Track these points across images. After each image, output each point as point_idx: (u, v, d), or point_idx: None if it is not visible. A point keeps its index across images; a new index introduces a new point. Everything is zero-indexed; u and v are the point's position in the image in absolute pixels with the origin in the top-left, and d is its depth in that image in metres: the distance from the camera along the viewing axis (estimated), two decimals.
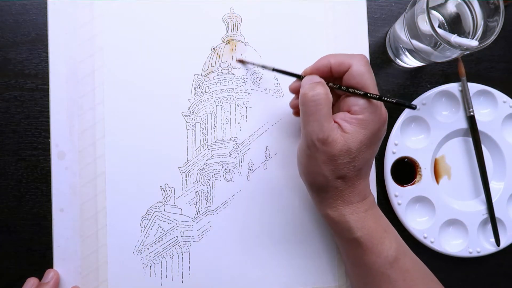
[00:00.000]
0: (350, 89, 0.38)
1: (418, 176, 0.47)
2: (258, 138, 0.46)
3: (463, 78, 0.47)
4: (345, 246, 0.40)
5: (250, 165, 0.46)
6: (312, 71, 0.39)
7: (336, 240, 0.42)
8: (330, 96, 0.37)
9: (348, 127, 0.37)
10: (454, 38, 0.39)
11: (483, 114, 0.48)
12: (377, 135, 0.38)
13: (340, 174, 0.37)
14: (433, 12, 0.42)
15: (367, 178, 0.40)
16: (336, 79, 0.39)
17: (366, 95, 0.37)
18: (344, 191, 0.38)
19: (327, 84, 0.38)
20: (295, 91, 0.41)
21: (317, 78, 0.38)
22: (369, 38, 0.47)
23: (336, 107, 0.40)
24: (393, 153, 0.46)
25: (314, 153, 0.37)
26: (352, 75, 0.37)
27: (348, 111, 0.38)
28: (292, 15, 0.46)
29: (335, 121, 0.37)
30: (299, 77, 0.40)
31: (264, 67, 0.44)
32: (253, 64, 0.45)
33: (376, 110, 0.37)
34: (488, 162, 0.48)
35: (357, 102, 0.37)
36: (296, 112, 0.43)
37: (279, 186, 0.46)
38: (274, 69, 0.42)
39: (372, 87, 0.37)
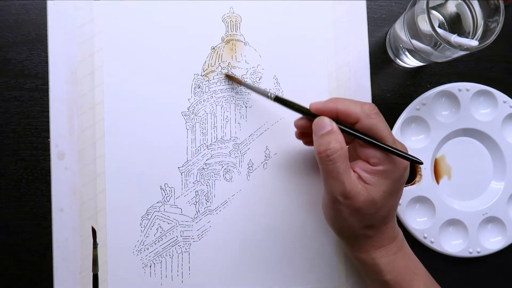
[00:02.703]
0: (366, 139, 0.36)
1: (418, 176, 0.47)
2: (258, 138, 0.46)
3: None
4: (374, 287, 0.40)
5: (250, 165, 0.46)
6: (320, 110, 0.38)
7: (365, 279, 0.42)
8: (346, 148, 0.36)
9: (370, 178, 0.36)
10: (454, 38, 0.39)
11: (483, 114, 0.48)
12: (400, 181, 0.37)
13: (367, 223, 0.37)
14: (433, 12, 0.42)
15: (394, 221, 0.40)
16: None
17: (382, 148, 0.36)
18: (373, 237, 0.38)
19: (341, 127, 0.36)
20: (303, 128, 0.40)
21: (328, 124, 0.36)
22: (369, 38, 0.47)
23: (351, 152, 0.39)
24: None
25: (339, 206, 0.36)
26: (364, 128, 0.36)
27: (367, 161, 0.37)
28: (292, 15, 0.46)
29: (354, 171, 0.36)
30: (308, 114, 0.38)
31: (262, 93, 0.41)
32: (250, 88, 0.43)
33: (396, 158, 0.36)
34: (488, 162, 0.48)
35: (375, 154, 0.36)
36: (300, 134, 0.42)
37: (279, 186, 0.46)
38: (276, 98, 0.40)
39: (387, 136, 0.36)
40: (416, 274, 0.39)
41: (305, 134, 0.41)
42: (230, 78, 0.45)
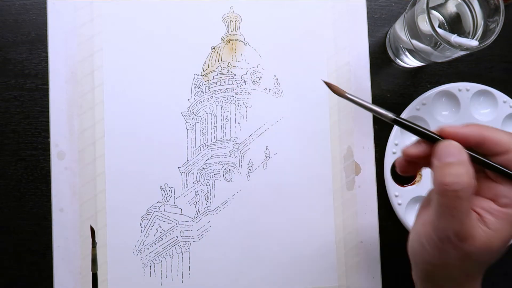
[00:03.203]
0: (505, 172, 0.30)
1: (418, 176, 0.47)
2: (258, 137, 0.46)
3: None
4: None
5: (250, 165, 0.46)
6: (454, 135, 0.31)
7: None
8: (475, 183, 0.29)
9: (493, 222, 0.30)
10: (454, 38, 0.39)
11: (483, 114, 0.48)
12: None
13: (470, 272, 0.31)
14: (433, 12, 0.42)
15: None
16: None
17: None
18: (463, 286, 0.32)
19: (474, 156, 0.31)
20: (416, 157, 0.32)
21: (461, 152, 0.30)
22: (369, 38, 0.47)
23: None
24: (393, 153, 0.46)
25: (447, 247, 0.30)
26: (508, 163, 0.30)
27: (493, 200, 0.31)
28: (292, 15, 0.46)
29: (474, 210, 0.30)
30: (432, 139, 0.31)
31: (379, 114, 0.32)
32: (365, 106, 0.33)
33: None
34: None
35: (509, 194, 0.30)
36: (405, 167, 0.34)
37: (279, 186, 0.46)
38: (395, 120, 0.32)
39: None
40: None
41: (413, 164, 0.34)
42: (333, 89, 0.35)
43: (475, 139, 0.31)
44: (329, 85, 0.35)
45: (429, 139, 0.32)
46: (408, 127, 0.32)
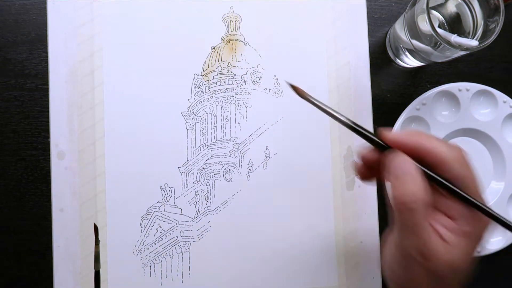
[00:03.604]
0: (462, 195, 0.30)
1: None
2: (258, 137, 0.46)
3: None
4: None
5: (250, 165, 0.46)
6: (399, 144, 0.31)
7: None
8: (429, 199, 0.29)
9: (452, 239, 0.29)
10: (454, 38, 0.39)
11: (483, 114, 0.48)
12: (481, 240, 0.31)
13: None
14: (433, 12, 0.42)
15: None
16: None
17: (478, 207, 0.30)
18: None
19: (424, 170, 0.30)
20: (370, 162, 0.33)
21: (412, 167, 0.29)
22: (369, 38, 0.47)
23: None
24: None
25: (413, 266, 0.30)
26: (451, 176, 0.30)
27: (447, 215, 0.30)
28: (292, 15, 0.46)
29: (433, 226, 0.30)
30: (381, 147, 0.31)
31: (336, 117, 0.32)
32: (322, 109, 0.33)
33: (481, 216, 0.30)
34: (488, 162, 0.48)
35: (462, 212, 0.30)
36: (364, 169, 0.34)
37: (278, 186, 0.46)
38: (352, 126, 0.32)
39: (477, 191, 0.30)
40: None
41: (372, 169, 0.33)
42: (297, 92, 0.35)
43: (415, 148, 0.30)
44: (294, 87, 0.35)
45: (379, 146, 0.31)
46: (361, 134, 0.32)
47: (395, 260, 0.31)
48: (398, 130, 0.29)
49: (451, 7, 0.42)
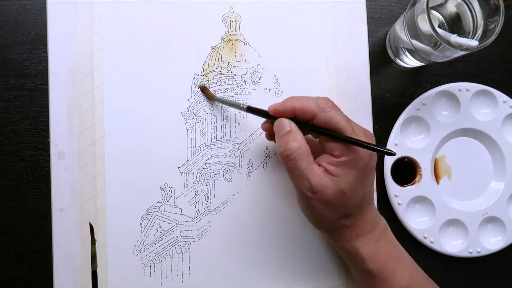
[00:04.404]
0: (323, 132, 0.37)
1: (418, 176, 0.47)
2: (257, 137, 0.46)
3: None
4: (358, 276, 0.41)
5: (249, 165, 0.46)
6: (278, 112, 0.38)
7: (351, 271, 0.42)
8: (305, 146, 0.36)
9: (336, 170, 0.36)
10: (454, 38, 0.39)
11: (483, 114, 0.48)
12: (367, 169, 0.37)
13: (342, 214, 0.37)
14: (433, 12, 0.42)
15: (372, 206, 0.40)
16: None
17: (340, 139, 0.36)
18: (351, 227, 0.38)
19: (299, 125, 0.37)
20: (268, 130, 0.41)
21: (287, 124, 0.37)
22: (369, 38, 0.47)
23: (315, 147, 0.38)
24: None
25: (310, 202, 0.37)
26: (321, 122, 0.36)
27: (331, 154, 0.37)
28: (292, 15, 0.46)
29: (320, 165, 0.37)
30: (271, 117, 0.39)
31: (234, 105, 0.42)
32: (222, 102, 0.44)
33: (355, 148, 0.36)
34: (488, 162, 0.48)
35: (336, 146, 0.36)
36: (269, 136, 0.42)
37: (278, 186, 0.45)
38: (248, 109, 0.41)
39: (344, 127, 0.36)
40: (400, 262, 0.39)
41: (273, 135, 0.40)
42: (203, 91, 0.45)
43: (291, 112, 0.37)
44: (203, 89, 0.45)
45: (270, 118, 0.39)
46: (258, 113, 0.40)
47: (298, 201, 0.39)
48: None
49: (451, 7, 0.42)
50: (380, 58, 0.48)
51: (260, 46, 0.46)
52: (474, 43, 0.38)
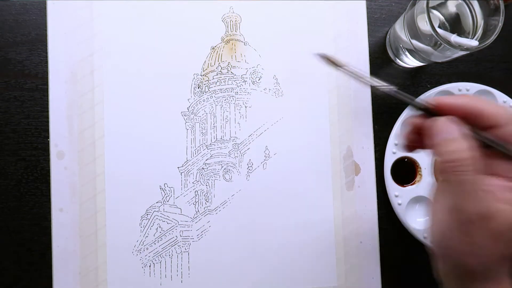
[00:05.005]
0: (505, 147, 0.29)
1: (418, 176, 0.47)
2: (257, 138, 0.46)
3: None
4: None
5: (249, 165, 0.45)
6: (447, 107, 0.30)
7: None
8: (478, 156, 0.28)
9: (510, 198, 0.28)
10: (454, 38, 0.39)
11: None
12: None
13: (501, 254, 0.28)
14: (433, 12, 0.42)
15: None
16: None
17: None
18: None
19: (475, 132, 0.29)
20: (417, 129, 0.31)
21: (457, 127, 0.29)
22: (369, 38, 0.47)
23: None
24: (393, 153, 0.46)
25: (472, 229, 0.28)
26: (503, 135, 0.29)
27: (502, 176, 0.29)
28: (292, 15, 0.46)
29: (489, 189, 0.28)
30: (428, 112, 0.30)
31: (376, 85, 0.33)
32: (362, 78, 0.34)
33: None
34: None
35: None
36: (408, 147, 0.33)
37: (278, 186, 0.45)
38: (395, 91, 0.32)
39: None
40: None
41: (418, 137, 0.32)
42: (326, 59, 0.34)
43: (472, 113, 0.29)
44: (326, 57, 0.34)
45: (427, 112, 0.30)
46: (406, 100, 0.31)
47: (449, 228, 0.29)
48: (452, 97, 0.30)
49: (451, 7, 0.42)
50: (380, 58, 0.48)
51: (260, 46, 0.46)
52: (474, 43, 0.38)
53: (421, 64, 0.46)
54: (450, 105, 0.29)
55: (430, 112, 0.30)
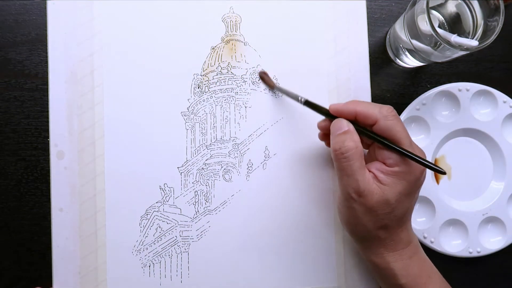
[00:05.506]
0: (381, 141, 0.37)
1: None
2: (257, 138, 0.46)
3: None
4: None
5: (249, 165, 0.45)
6: (339, 112, 0.38)
7: (380, 284, 0.42)
8: (361, 148, 0.36)
9: (385, 179, 0.36)
10: (454, 38, 0.39)
11: (483, 114, 0.48)
12: (416, 184, 0.37)
13: (381, 224, 0.37)
14: (433, 12, 0.42)
15: (409, 224, 0.39)
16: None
17: (397, 150, 0.36)
18: (387, 240, 0.38)
19: (358, 128, 0.37)
20: (325, 129, 0.41)
21: (345, 125, 0.37)
22: (369, 38, 0.47)
23: (370, 154, 0.40)
24: None
25: (352, 204, 0.36)
26: (381, 129, 0.37)
27: (383, 162, 0.37)
28: (292, 15, 0.46)
29: (370, 171, 0.37)
30: (329, 116, 0.39)
31: (294, 97, 0.42)
32: (282, 91, 0.44)
33: (412, 161, 0.36)
34: (488, 162, 0.48)
35: (391, 156, 0.36)
36: (323, 135, 0.42)
37: (278, 186, 0.45)
38: (306, 103, 0.41)
39: (403, 139, 0.36)
40: (431, 278, 0.39)
41: (327, 135, 0.40)
42: (263, 79, 0.45)
43: (351, 115, 0.38)
44: (262, 76, 0.45)
45: (328, 116, 0.40)
46: (315, 108, 0.40)
47: (340, 202, 0.38)
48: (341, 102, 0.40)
49: (451, 7, 0.42)
50: (380, 58, 0.48)
51: (260, 46, 0.46)
52: (474, 43, 0.38)
53: (421, 64, 0.46)
54: (342, 110, 0.38)
55: (331, 116, 0.39)
